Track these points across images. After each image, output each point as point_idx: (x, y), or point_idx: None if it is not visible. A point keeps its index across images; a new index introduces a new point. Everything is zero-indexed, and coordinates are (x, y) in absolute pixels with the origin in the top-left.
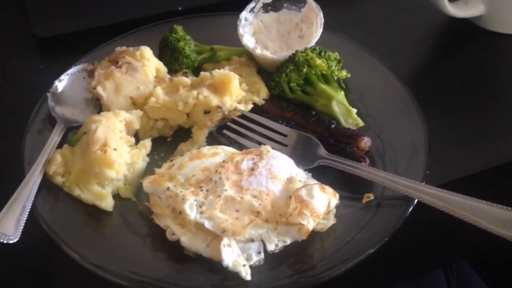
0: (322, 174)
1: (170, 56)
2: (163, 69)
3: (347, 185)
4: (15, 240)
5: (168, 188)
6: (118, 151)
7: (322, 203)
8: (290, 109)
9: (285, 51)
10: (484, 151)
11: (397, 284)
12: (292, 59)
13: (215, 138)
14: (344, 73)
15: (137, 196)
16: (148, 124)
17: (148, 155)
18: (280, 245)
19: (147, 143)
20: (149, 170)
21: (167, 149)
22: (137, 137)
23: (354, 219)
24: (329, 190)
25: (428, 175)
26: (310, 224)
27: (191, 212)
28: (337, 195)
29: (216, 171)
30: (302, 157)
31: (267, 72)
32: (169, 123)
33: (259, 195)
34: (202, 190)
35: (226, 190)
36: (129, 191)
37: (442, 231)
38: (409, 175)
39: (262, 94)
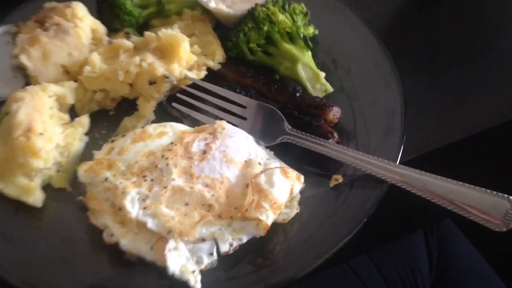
0: (285, 151)
1: (109, 13)
2: (101, 29)
3: (314, 163)
4: None
5: (106, 179)
6: (46, 135)
7: (283, 191)
8: (250, 74)
9: (245, 1)
10: (465, 115)
11: (375, 247)
12: (251, 14)
13: (165, 110)
14: (311, 30)
15: (74, 184)
16: (85, 96)
17: (87, 134)
18: (235, 244)
19: (83, 121)
20: (88, 152)
21: (109, 124)
22: (74, 113)
23: (321, 204)
24: (292, 173)
25: (404, 146)
26: (269, 218)
27: (133, 208)
28: (302, 178)
29: (163, 156)
30: (263, 132)
31: (225, 28)
32: (110, 95)
33: (211, 184)
34: (146, 180)
35: (173, 179)
36: (63, 180)
37: None
38: (383, 151)
39: (217, 57)
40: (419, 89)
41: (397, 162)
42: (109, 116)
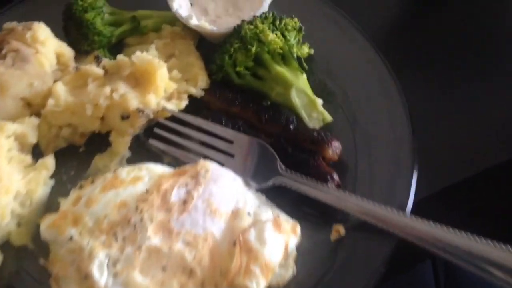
0: (279, 193)
1: (76, 33)
2: (67, 53)
3: (312, 206)
4: None
5: (71, 238)
6: (2, 185)
7: (277, 250)
8: (237, 102)
9: (231, 14)
10: (482, 138)
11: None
12: (237, 33)
13: (143, 144)
14: (306, 50)
15: (37, 240)
16: (50, 132)
17: (52, 176)
18: None
19: (48, 162)
20: (54, 198)
21: (79, 164)
22: (38, 150)
23: (320, 261)
24: (287, 225)
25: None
26: (260, 285)
27: (101, 275)
28: (298, 229)
29: (137, 207)
30: (253, 172)
31: (210, 44)
32: (79, 130)
33: (193, 242)
34: (117, 239)
35: (149, 237)
36: (24, 235)
37: None
38: (390, 191)
39: (200, 83)
40: (426, 109)
41: (409, 205)
42: (78, 153)
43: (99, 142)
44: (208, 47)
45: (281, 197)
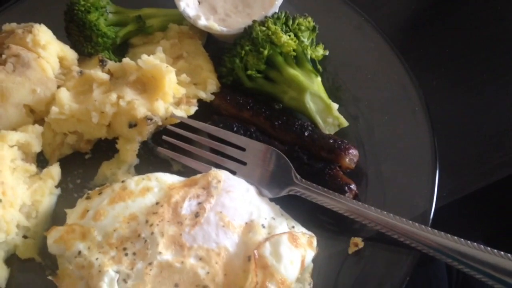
0: (294, 204)
1: (78, 34)
2: (70, 56)
3: (329, 215)
4: None
5: (79, 253)
6: (6, 201)
7: (293, 265)
8: (249, 106)
9: (241, 11)
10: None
11: None
12: (248, 35)
13: (152, 151)
14: (320, 51)
15: (44, 252)
16: (54, 140)
17: (58, 185)
18: None
19: (53, 171)
20: (60, 208)
21: (85, 171)
22: (43, 158)
23: (337, 274)
24: (303, 238)
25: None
26: None
27: None
28: (314, 242)
29: (147, 221)
30: (267, 181)
31: (219, 43)
32: (84, 137)
33: (206, 257)
34: (127, 254)
35: (160, 252)
36: (31, 248)
37: None
38: (410, 200)
39: (210, 87)
40: (446, 111)
41: (430, 216)
42: (84, 161)
43: (105, 148)
44: (217, 46)
45: (295, 206)
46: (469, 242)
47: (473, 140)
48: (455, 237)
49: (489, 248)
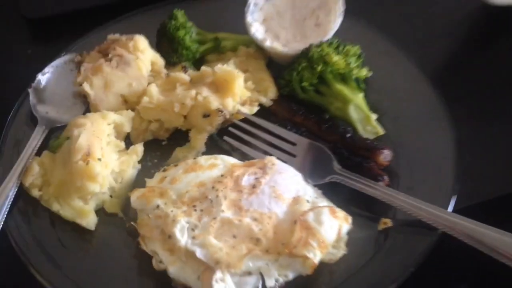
0: (334, 190)
1: (168, 47)
2: (160, 62)
3: (362, 205)
4: None
5: (157, 206)
6: (103, 161)
7: (331, 231)
8: (300, 112)
9: (299, 41)
10: None
11: None
12: (305, 54)
13: (216, 142)
14: (364, 72)
15: (125, 210)
16: (140, 126)
17: (139, 162)
18: (281, 280)
19: (138, 149)
20: (140, 178)
21: (162, 154)
22: (129, 141)
23: (368, 247)
24: (341, 214)
25: (457, 193)
26: (316, 256)
27: (182, 237)
28: (350, 219)
29: (213, 187)
30: (312, 171)
31: (278, 66)
32: (165, 125)
33: (260, 218)
34: (196, 210)
35: (223, 211)
36: (115, 205)
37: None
38: (434, 196)
39: (270, 94)
40: (473, 136)
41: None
42: (161, 146)
43: (180, 138)
44: (275, 68)
45: (334, 194)
46: (484, 224)
47: (495, 156)
48: (472, 219)
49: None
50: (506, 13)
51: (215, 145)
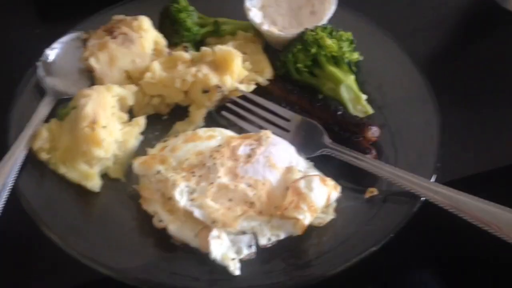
0: (324, 163)
1: (170, 28)
2: (162, 42)
3: (350, 177)
4: None
5: (158, 172)
6: (108, 129)
7: (321, 197)
8: (295, 92)
9: (295, 27)
10: (503, 148)
11: None
12: (300, 38)
13: (214, 118)
14: (355, 56)
15: (127, 176)
16: (143, 100)
17: (141, 134)
18: (273, 239)
19: (141, 121)
20: (142, 149)
21: (162, 127)
22: (132, 114)
23: (355, 214)
24: (330, 182)
25: (439, 169)
26: (306, 218)
27: (181, 198)
28: (339, 188)
29: (211, 156)
30: (304, 144)
31: (274, 49)
32: (166, 101)
33: (254, 184)
34: (194, 176)
35: (219, 177)
36: (118, 171)
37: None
38: (418, 170)
39: (266, 74)
40: (457, 119)
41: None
42: (162, 120)
43: (180, 113)
44: (271, 51)
45: (324, 167)
46: (466, 193)
47: (477, 140)
48: (451, 188)
49: (487, 200)
50: (497, 6)
51: (213, 121)
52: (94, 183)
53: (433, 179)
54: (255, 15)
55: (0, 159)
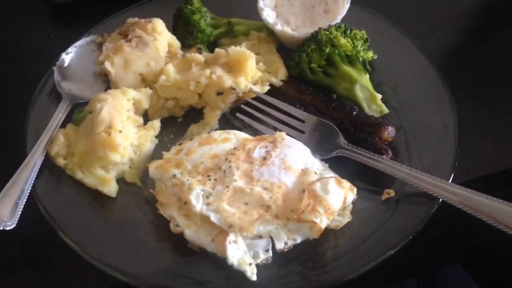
0: (340, 164)
1: (184, 29)
2: (176, 44)
3: (367, 178)
4: (11, 227)
5: (174, 176)
6: (123, 133)
7: (337, 199)
8: (309, 92)
9: (308, 26)
10: None
11: None
12: (314, 37)
13: (228, 120)
14: (370, 54)
15: (143, 180)
16: (158, 103)
17: (156, 137)
18: (290, 243)
19: (155, 124)
20: (157, 152)
21: (177, 130)
22: (146, 117)
23: (372, 216)
24: (346, 184)
25: (456, 169)
26: (323, 222)
27: (197, 203)
28: (355, 190)
29: (226, 159)
30: (319, 145)
31: (288, 49)
32: (180, 103)
33: (270, 187)
34: (210, 179)
35: (235, 180)
36: (134, 175)
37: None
38: (435, 170)
39: (280, 75)
40: (474, 117)
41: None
42: (177, 122)
43: (194, 115)
44: (285, 51)
45: (340, 168)
46: (485, 194)
47: (495, 136)
48: (470, 189)
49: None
50: (508, 4)
51: (227, 123)
52: (111, 188)
53: (451, 177)
54: (268, 14)
55: (18, 164)
